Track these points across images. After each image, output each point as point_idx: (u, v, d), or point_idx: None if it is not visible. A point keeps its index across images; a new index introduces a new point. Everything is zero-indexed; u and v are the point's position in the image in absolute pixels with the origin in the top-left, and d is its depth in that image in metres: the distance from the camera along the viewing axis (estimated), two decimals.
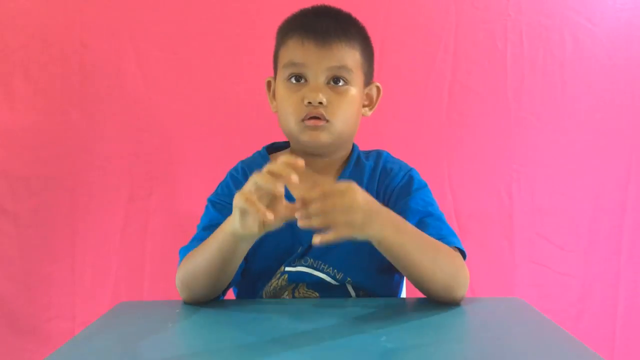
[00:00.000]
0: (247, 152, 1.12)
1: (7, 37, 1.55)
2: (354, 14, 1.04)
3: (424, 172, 1.07)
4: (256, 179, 0.75)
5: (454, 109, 1.64)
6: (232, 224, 0.80)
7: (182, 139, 1.61)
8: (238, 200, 0.76)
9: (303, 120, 0.95)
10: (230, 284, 0.94)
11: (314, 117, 0.95)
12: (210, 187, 1.07)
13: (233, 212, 0.79)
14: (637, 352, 1.70)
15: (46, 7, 1.55)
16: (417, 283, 0.88)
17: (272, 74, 1.07)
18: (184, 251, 0.95)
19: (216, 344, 0.73)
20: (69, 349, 0.75)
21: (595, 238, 1.68)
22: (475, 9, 1.63)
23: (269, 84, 1.06)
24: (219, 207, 1.00)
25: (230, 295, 1.03)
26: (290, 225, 0.99)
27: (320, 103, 0.94)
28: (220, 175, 1.08)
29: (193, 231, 1.00)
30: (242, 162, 1.08)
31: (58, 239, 1.59)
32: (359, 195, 0.76)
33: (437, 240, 0.89)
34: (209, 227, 0.96)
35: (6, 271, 1.57)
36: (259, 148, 1.11)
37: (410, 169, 1.04)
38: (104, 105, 1.58)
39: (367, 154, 1.07)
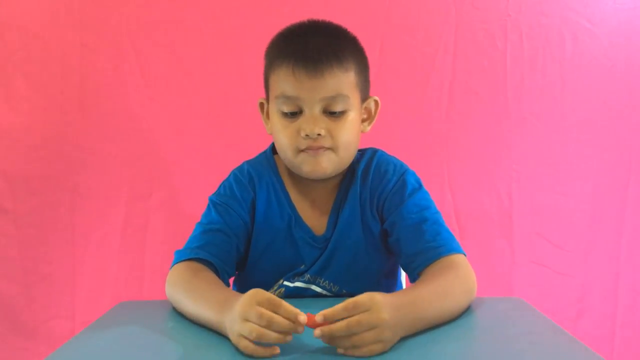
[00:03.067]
0: (247, 151, 1.11)
1: (7, 37, 1.55)
2: (354, 15, 1.01)
3: (424, 172, 1.06)
4: (267, 319, 0.67)
5: (454, 109, 1.64)
6: (224, 329, 0.74)
7: (182, 139, 1.61)
8: (240, 345, 0.69)
9: (302, 150, 0.91)
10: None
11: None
12: (210, 186, 1.06)
13: (230, 337, 0.72)
14: (637, 352, 1.70)
15: (46, 7, 1.55)
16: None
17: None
18: (179, 255, 0.93)
19: (216, 344, 0.73)
20: (69, 349, 0.75)
21: (595, 238, 1.68)
22: (475, 9, 1.63)
23: (261, 105, 1.00)
24: (220, 209, 0.97)
25: None
26: (294, 244, 0.98)
27: (319, 135, 0.89)
28: (221, 174, 1.07)
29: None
30: (248, 163, 1.04)
31: (58, 239, 1.59)
32: (384, 312, 0.68)
33: (447, 278, 0.84)
34: (206, 231, 0.95)
35: (6, 271, 1.57)
36: (259, 147, 1.09)
37: (405, 171, 0.99)
38: (104, 105, 1.58)
39: (361, 154, 1.02)
